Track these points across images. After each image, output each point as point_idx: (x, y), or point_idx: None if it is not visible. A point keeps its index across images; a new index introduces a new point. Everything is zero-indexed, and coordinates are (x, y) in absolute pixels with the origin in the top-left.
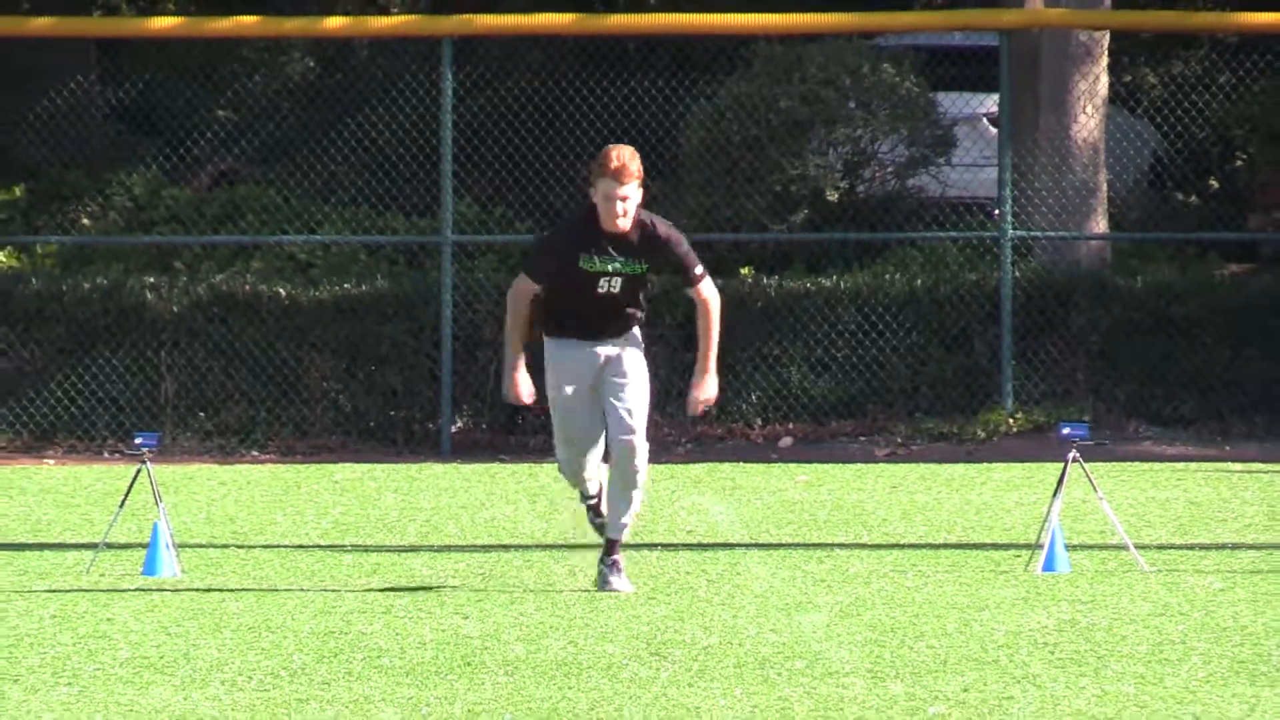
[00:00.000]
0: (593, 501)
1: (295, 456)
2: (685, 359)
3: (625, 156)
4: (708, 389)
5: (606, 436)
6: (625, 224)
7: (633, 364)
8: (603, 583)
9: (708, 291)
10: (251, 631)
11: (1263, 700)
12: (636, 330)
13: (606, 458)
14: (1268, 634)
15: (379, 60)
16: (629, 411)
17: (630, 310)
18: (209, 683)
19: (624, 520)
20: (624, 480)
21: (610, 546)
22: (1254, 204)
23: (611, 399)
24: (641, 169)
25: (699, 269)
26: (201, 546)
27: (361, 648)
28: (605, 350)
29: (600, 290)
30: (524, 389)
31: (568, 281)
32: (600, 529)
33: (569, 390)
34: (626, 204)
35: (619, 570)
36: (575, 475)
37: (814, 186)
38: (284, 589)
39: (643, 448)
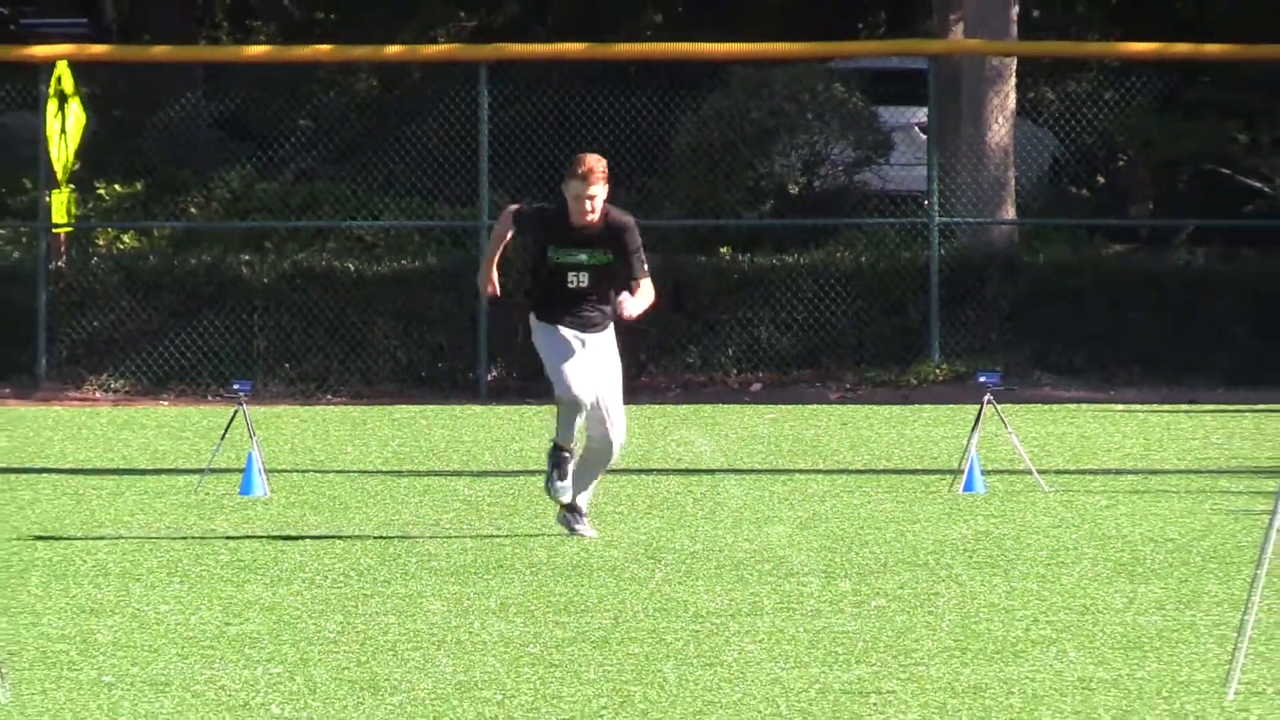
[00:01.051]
0: (566, 456)
1: (362, 400)
2: (673, 319)
3: (593, 161)
4: (630, 308)
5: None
6: (593, 218)
7: (611, 363)
8: (568, 527)
9: (646, 287)
10: (327, 540)
11: (1139, 594)
12: (611, 328)
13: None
14: (1144, 542)
15: (429, 80)
16: (613, 412)
17: (602, 307)
18: (293, 581)
19: (585, 491)
20: (597, 462)
21: (573, 505)
22: (1133, 196)
23: (597, 395)
24: (607, 172)
25: (644, 267)
26: (286, 471)
27: (415, 553)
28: (589, 338)
29: (571, 285)
30: (492, 286)
31: (547, 274)
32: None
33: (559, 335)
34: (594, 201)
35: (582, 518)
36: (571, 394)
37: (779, 182)
38: (353, 506)
39: (619, 444)
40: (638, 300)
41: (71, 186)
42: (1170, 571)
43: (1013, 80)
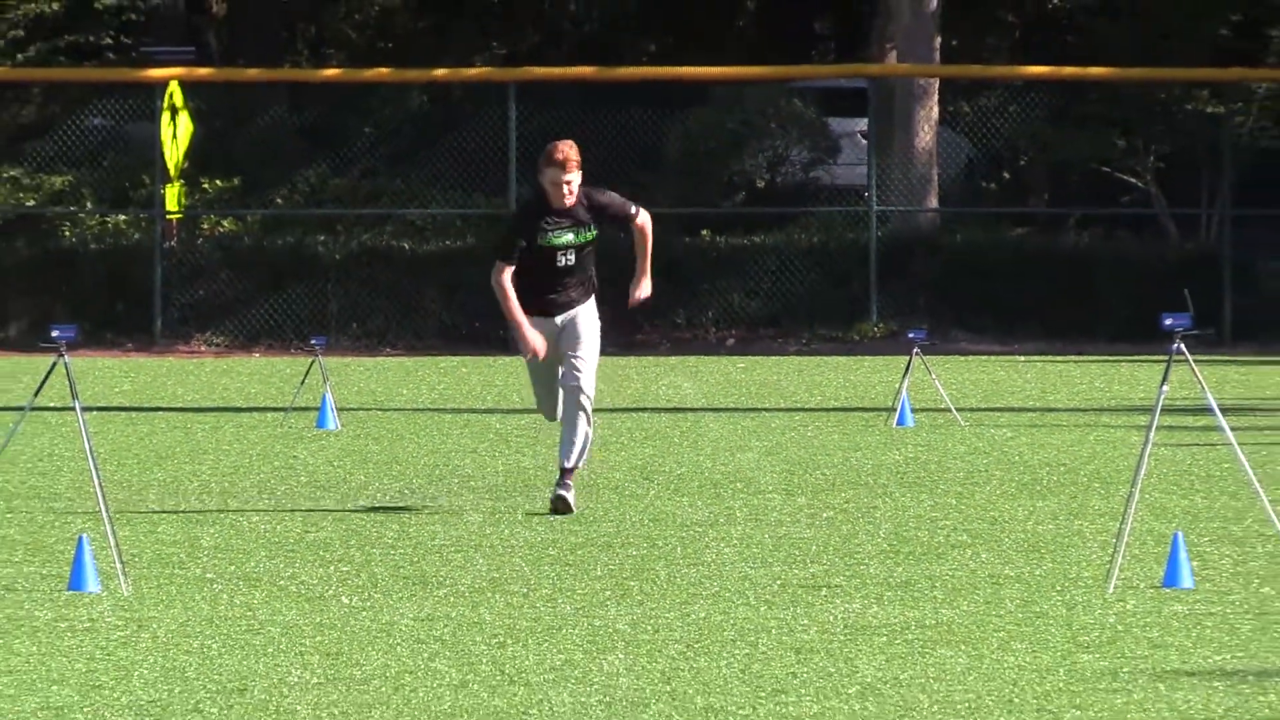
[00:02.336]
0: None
1: (415, 352)
2: (663, 288)
3: (568, 150)
4: (644, 289)
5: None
6: (571, 201)
7: (587, 324)
8: (557, 500)
9: (643, 220)
10: (385, 464)
11: (1038, 508)
12: (592, 298)
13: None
14: (1041, 465)
15: (468, 96)
16: (580, 367)
17: (585, 282)
18: (358, 496)
19: (573, 453)
20: (572, 422)
21: (563, 474)
22: (1032, 189)
23: (568, 352)
24: (579, 157)
25: (633, 209)
26: (353, 409)
27: (457, 474)
28: (563, 317)
29: (560, 264)
30: (538, 344)
31: (534, 261)
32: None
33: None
34: (570, 186)
35: (569, 489)
36: (550, 409)
37: (749, 178)
38: (407, 436)
39: (589, 396)
40: (643, 272)
41: (181, 181)
42: (1062, 489)
43: (935, 96)
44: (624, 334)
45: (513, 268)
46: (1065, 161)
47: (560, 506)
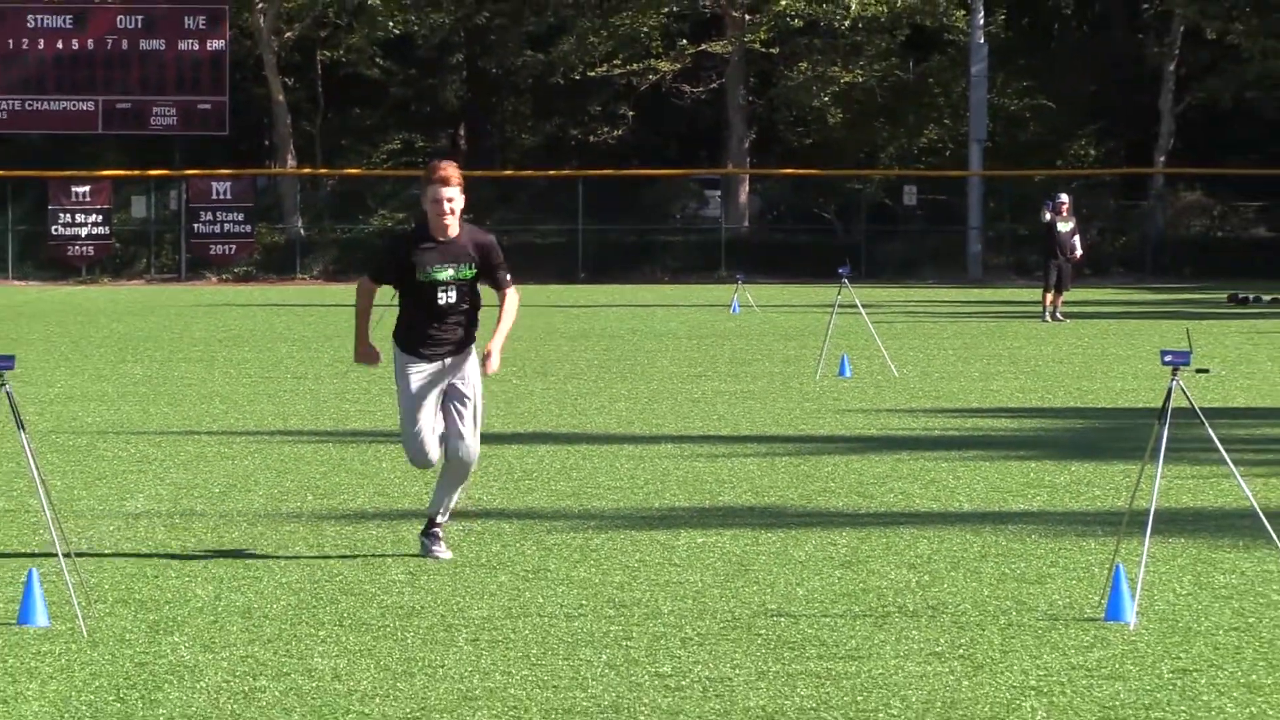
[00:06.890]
0: (437, 531)
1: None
2: (640, 261)
3: (449, 167)
4: (494, 364)
5: (446, 435)
6: (453, 225)
7: (472, 376)
8: (425, 552)
9: (512, 295)
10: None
11: (790, 345)
12: (473, 347)
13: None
14: (791, 329)
15: (562, 184)
16: (469, 422)
17: (466, 325)
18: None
19: (447, 505)
20: (455, 476)
21: (431, 522)
22: (785, 217)
23: (455, 406)
24: (462, 178)
25: (509, 277)
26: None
27: (545, 330)
28: (452, 362)
29: (441, 302)
30: (372, 356)
31: (413, 297)
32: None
33: (415, 388)
34: (452, 204)
35: (439, 540)
36: (420, 455)
37: (675, 215)
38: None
39: (475, 454)
40: (497, 345)
41: None
42: (802, 339)
43: (748, 182)
44: (623, 271)
45: (375, 286)
46: (800, 212)
47: (431, 554)
